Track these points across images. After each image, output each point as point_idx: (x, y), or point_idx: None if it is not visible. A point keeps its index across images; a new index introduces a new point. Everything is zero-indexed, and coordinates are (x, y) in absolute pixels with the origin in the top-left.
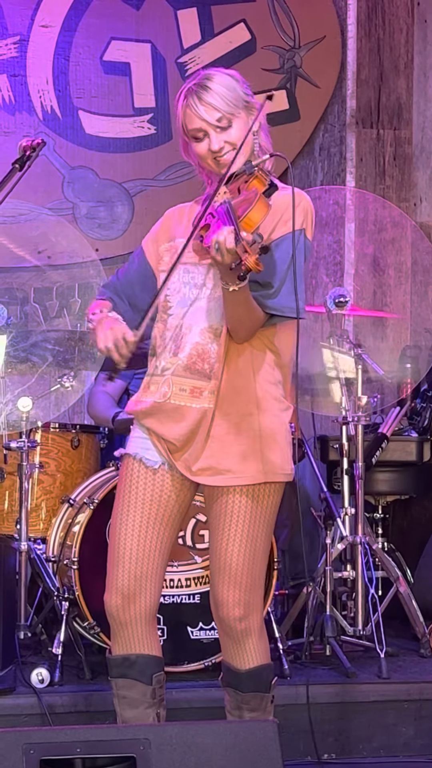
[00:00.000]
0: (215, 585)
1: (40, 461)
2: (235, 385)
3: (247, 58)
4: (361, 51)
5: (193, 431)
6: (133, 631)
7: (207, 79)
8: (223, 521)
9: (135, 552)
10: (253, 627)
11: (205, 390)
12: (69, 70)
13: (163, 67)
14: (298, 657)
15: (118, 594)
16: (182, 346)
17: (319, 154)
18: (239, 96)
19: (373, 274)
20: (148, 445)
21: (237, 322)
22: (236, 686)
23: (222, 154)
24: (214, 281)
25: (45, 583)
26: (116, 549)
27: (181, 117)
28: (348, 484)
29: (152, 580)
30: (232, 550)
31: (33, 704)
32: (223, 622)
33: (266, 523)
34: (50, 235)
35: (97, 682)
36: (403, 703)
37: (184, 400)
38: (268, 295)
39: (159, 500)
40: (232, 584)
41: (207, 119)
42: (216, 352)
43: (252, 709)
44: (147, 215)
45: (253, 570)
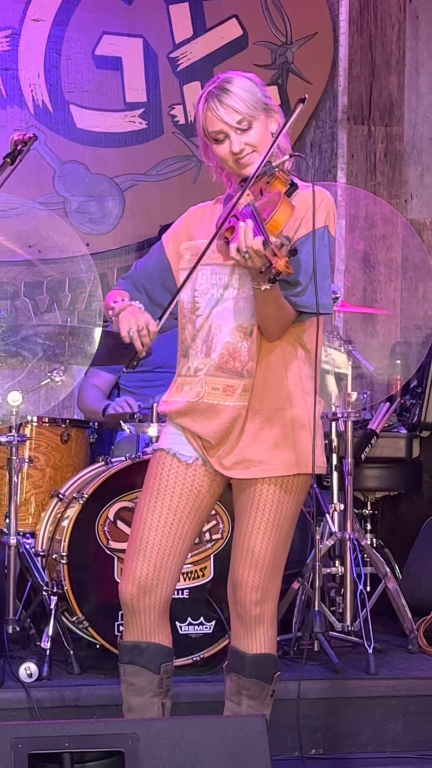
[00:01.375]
0: (235, 568)
1: (29, 455)
2: (268, 381)
3: (239, 54)
4: (353, 47)
5: (227, 428)
6: (145, 619)
7: (227, 82)
8: (250, 509)
9: (158, 543)
10: (268, 614)
11: (238, 388)
12: (61, 64)
13: (154, 61)
14: (287, 653)
15: (134, 583)
16: (213, 346)
17: (310, 149)
18: (259, 98)
19: (364, 270)
20: (182, 441)
21: (268, 320)
22: (240, 670)
23: (243, 155)
24: (241, 281)
25: (34, 577)
26: (139, 538)
27: (201, 120)
28: (337, 480)
29: (171, 572)
30: (256, 535)
31: (21, 699)
32: (239, 605)
33: (293, 514)
34: (41, 229)
35: (86, 676)
36: (391, 699)
37: (218, 398)
38: (297, 293)
39: (189, 494)
40: (253, 568)
41: (228, 121)
42: (247, 350)
43: (251, 696)
44: (138, 210)
45: (275, 557)
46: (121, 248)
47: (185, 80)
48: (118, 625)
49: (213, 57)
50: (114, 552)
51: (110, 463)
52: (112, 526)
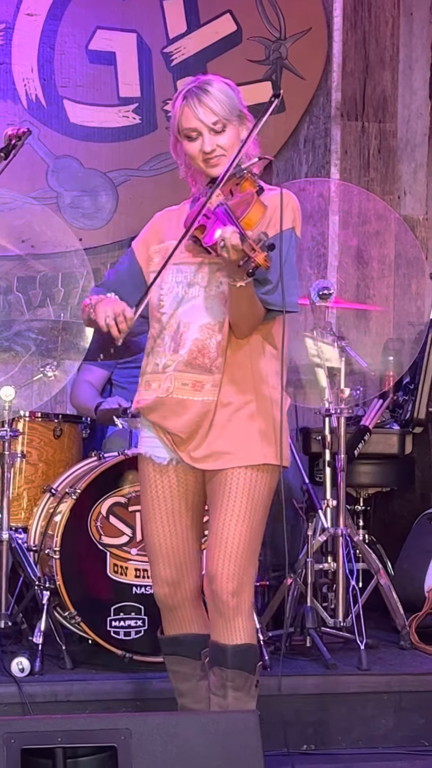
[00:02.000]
0: (210, 559)
1: (22, 450)
2: (236, 377)
3: (233, 49)
4: (347, 43)
5: (197, 423)
6: (181, 614)
7: (207, 83)
8: (222, 499)
9: (169, 545)
10: (244, 605)
11: (207, 383)
12: (54, 59)
13: (148, 56)
14: (279, 648)
15: (164, 585)
16: (182, 342)
17: (303, 146)
18: (235, 104)
19: (357, 266)
20: (156, 443)
21: (241, 317)
22: (222, 663)
23: (213, 156)
24: (207, 280)
25: (26, 572)
26: (151, 545)
27: (177, 116)
28: (330, 476)
29: (191, 565)
30: (229, 526)
31: (13, 693)
32: (216, 595)
33: (263, 504)
34: (34, 224)
35: (78, 671)
36: (383, 695)
37: (187, 393)
38: (268, 291)
39: (172, 494)
40: (228, 558)
41: (204, 120)
42: (216, 346)
43: (236, 687)
44: (131, 205)
45: (248, 547)
46: (114, 243)
47: (179, 75)
48: (110, 620)
49: (207, 52)
50: (106, 547)
51: (103, 459)
52: (104, 521)
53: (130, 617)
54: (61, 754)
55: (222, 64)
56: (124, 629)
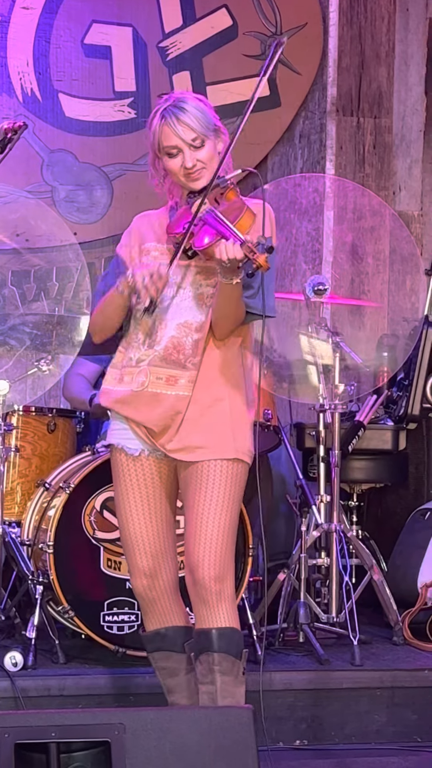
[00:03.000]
0: (191, 551)
1: (15, 445)
2: (209, 374)
3: (229, 44)
4: (343, 38)
5: (170, 416)
6: (161, 606)
7: (182, 101)
8: (199, 489)
9: (145, 534)
10: (227, 591)
11: (181, 378)
12: (50, 53)
13: (144, 51)
14: (272, 644)
15: (141, 575)
16: (158, 339)
17: (299, 141)
18: (210, 120)
19: (352, 262)
20: (128, 434)
21: (226, 317)
22: (207, 647)
23: (194, 170)
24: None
25: (19, 566)
26: (127, 535)
27: (157, 134)
28: (324, 471)
29: (168, 555)
30: (208, 514)
31: (6, 688)
32: (199, 584)
33: (237, 498)
34: (29, 218)
35: (71, 666)
36: (376, 691)
37: (161, 387)
38: (251, 295)
39: (146, 485)
40: (209, 546)
41: (184, 138)
42: (192, 345)
43: (223, 671)
44: (126, 199)
45: (228, 535)
46: (109, 238)
47: (174, 70)
48: (103, 615)
49: (202, 47)
50: (100, 542)
51: (97, 453)
52: (98, 515)
53: (124, 612)
54: (54, 749)
55: (218, 58)
56: (118, 624)
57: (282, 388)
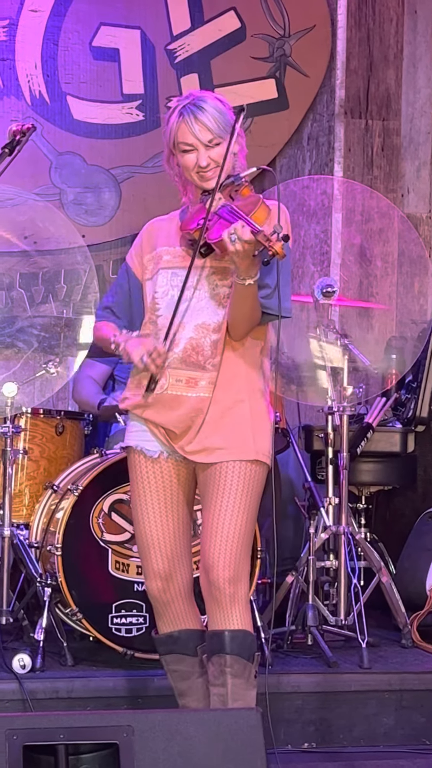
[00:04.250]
0: (207, 550)
1: (24, 447)
2: (229, 376)
3: (237, 46)
4: (351, 41)
5: (190, 418)
6: (175, 609)
7: (202, 100)
8: (217, 490)
9: (161, 536)
10: (241, 594)
11: (201, 380)
12: (58, 55)
13: (152, 53)
14: (280, 646)
15: (157, 578)
16: (177, 341)
17: (307, 143)
18: (228, 121)
19: (360, 264)
20: (147, 436)
21: (242, 317)
22: (220, 649)
23: (208, 169)
24: (204, 282)
25: (27, 568)
26: (143, 538)
27: (173, 130)
28: (332, 474)
29: (183, 558)
30: (225, 515)
31: (14, 690)
32: (213, 585)
33: (256, 499)
34: (37, 220)
35: (79, 668)
36: (384, 694)
37: (181, 389)
38: (267, 296)
39: (164, 487)
40: (224, 547)
41: (200, 138)
42: (211, 346)
43: (235, 674)
44: (134, 202)
45: (244, 537)
46: (117, 240)
47: (182, 72)
48: (111, 617)
49: (210, 49)
50: (108, 544)
51: (105, 455)
52: (106, 518)
53: (132, 614)
54: (63, 751)
55: (226, 61)
56: (126, 626)
57: (290, 390)
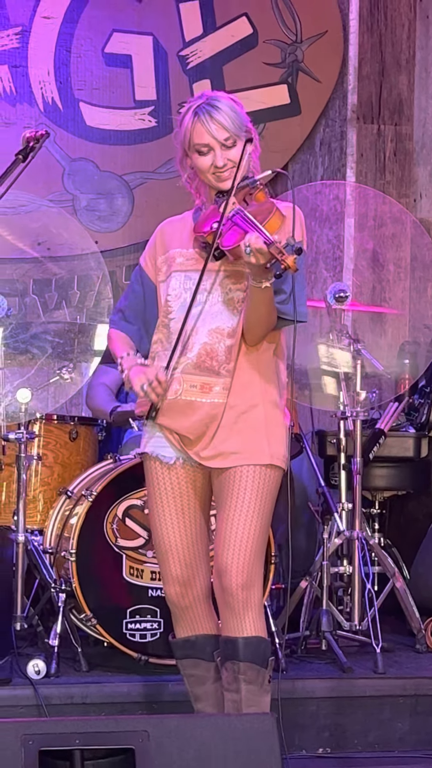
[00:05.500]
0: (220, 555)
1: (38, 453)
2: (244, 381)
3: (249, 52)
4: (363, 46)
5: (205, 424)
6: (193, 614)
7: (216, 100)
8: (231, 495)
9: (179, 542)
10: (254, 599)
11: (215, 386)
12: (70, 62)
13: (164, 59)
14: (294, 651)
15: (175, 583)
16: (190, 346)
17: (319, 148)
18: (242, 121)
19: (373, 269)
20: (162, 442)
21: (258, 321)
22: (233, 655)
23: (224, 170)
24: (218, 286)
25: (42, 574)
26: (161, 544)
27: (188, 131)
28: (345, 479)
29: (201, 564)
30: (239, 520)
31: (29, 696)
32: (226, 591)
33: (270, 503)
34: (50, 226)
35: (94, 674)
36: (399, 699)
37: (195, 395)
38: (282, 300)
39: (180, 493)
40: (238, 552)
41: (217, 137)
42: (225, 351)
43: (248, 680)
44: (147, 208)
45: (257, 542)
46: (130, 246)
47: (195, 78)
48: (125, 622)
49: (223, 55)
50: (122, 550)
51: (119, 461)
52: (120, 523)
53: (146, 620)
54: (79, 756)
55: (238, 67)
56: (140, 632)
57: (303, 395)
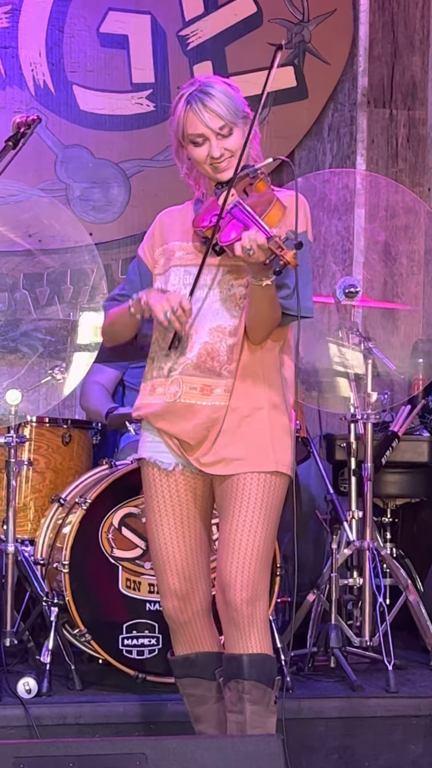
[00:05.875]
0: (223, 568)
1: (28, 458)
2: (247, 383)
3: (253, 32)
4: (374, 25)
5: (206, 428)
6: (193, 630)
7: (209, 86)
8: (235, 504)
9: (177, 554)
10: (260, 615)
11: (216, 387)
12: (63, 43)
13: (163, 40)
14: (301, 669)
15: (173, 597)
16: (190, 346)
17: (328, 134)
18: (238, 106)
19: (384, 262)
20: (161, 447)
21: (261, 320)
22: (237, 674)
23: (221, 160)
24: (219, 282)
25: (33, 587)
26: (159, 555)
27: (181, 121)
28: (355, 485)
29: (201, 577)
30: (243, 531)
31: (19, 716)
32: (230, 606)
33: (276, 513)
34: (42, 217)
35: (88, 693)
36: (412, 719)
37: (195, 398)
38: (286, 296)
39: (179, 501)
40: (243, 565)
41: (211, 126)
42: (227, 350)
43: (253, 701)
44: (144, 197)
45: (263, 555)
46: (127, 238)
47: (195, 60)
48: (122, 638)
49: (225, 35)
50: (118, 561)
51: (114, 467)
52: (116, 533)
53: (144, 635)
54: None
55: (241, 48)
56: (137, 648)
57: (311, 397)
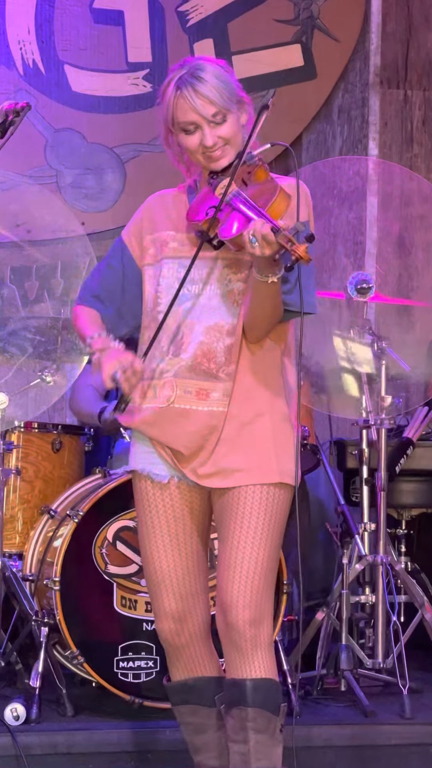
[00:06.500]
0: (224, 588)
1: (16, 466)
2: (246, 385)
3: (258, 8)
4: (388, 0)
5: (203, 436)
6: (190, 654)
7: (200, 69)
8: (236, 520)
9: (173, 573)
10: (263, 637)
11: (213, 391)
12: (54, 19)
13: (161, 16)
14: (309, 693)
15: (168, 619)
16: (184, 346)
17: (338, 117)
18: (233, 90)
19: (399, 255)
20: (154, 459)
21: (262, 317)
22: (240, 701)
23: (215, 149)
24: (216, 276)
25: (21, 605)
26: (153, 574)
27: (170, 107)
28: (368, 495)
29: (198, 596)
30: (244, 549)
31: (7, 745)
32: (232, 628)
33: (281, 527)
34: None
35: (80, 719)
36: (429, 747)
37: (190, 402)
38: (287, 291)
39: (175, 517)
40: (244, 585)
41: (203, 114)
42: (224, 351)
43: (258, 729)
44: (140, 184)
45: (266, 573)
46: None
47: (196, 37)
48: (117, 660)
49: (227, 11)
50: (113, 577)
51: (108, 476)
52: (111, 548)
53: (140, 657)
54: None
55: (245, 24)
56: (133, 671)
57: (320, 400)
